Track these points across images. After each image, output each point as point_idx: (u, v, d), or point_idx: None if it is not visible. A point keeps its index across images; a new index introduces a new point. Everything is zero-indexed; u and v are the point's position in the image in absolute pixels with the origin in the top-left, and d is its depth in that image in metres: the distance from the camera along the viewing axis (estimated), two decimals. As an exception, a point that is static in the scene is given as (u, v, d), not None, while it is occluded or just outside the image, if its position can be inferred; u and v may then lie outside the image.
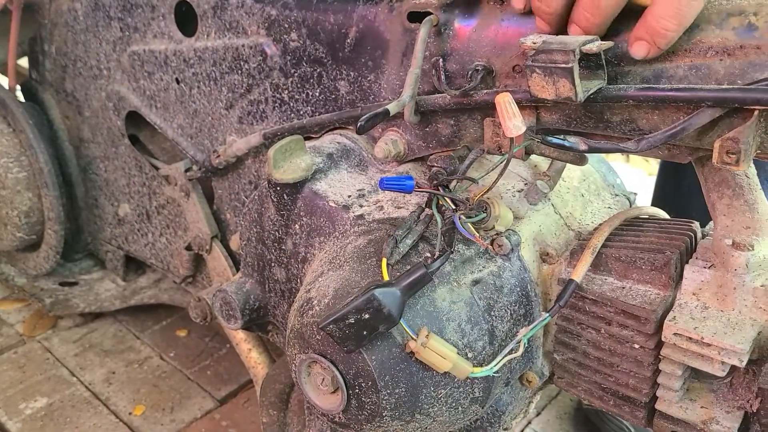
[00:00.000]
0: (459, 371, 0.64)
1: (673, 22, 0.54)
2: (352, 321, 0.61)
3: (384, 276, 0.64)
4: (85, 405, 1.41)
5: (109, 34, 1.20)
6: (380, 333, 0.62)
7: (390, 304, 0.60)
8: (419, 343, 0.62)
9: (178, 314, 1.66)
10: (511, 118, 0.60)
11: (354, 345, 0.63)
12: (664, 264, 0.68)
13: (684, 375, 0.66)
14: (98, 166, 1.42)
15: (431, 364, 0.63)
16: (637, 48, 0.57)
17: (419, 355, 0.63)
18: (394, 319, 0.61)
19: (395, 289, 0.61)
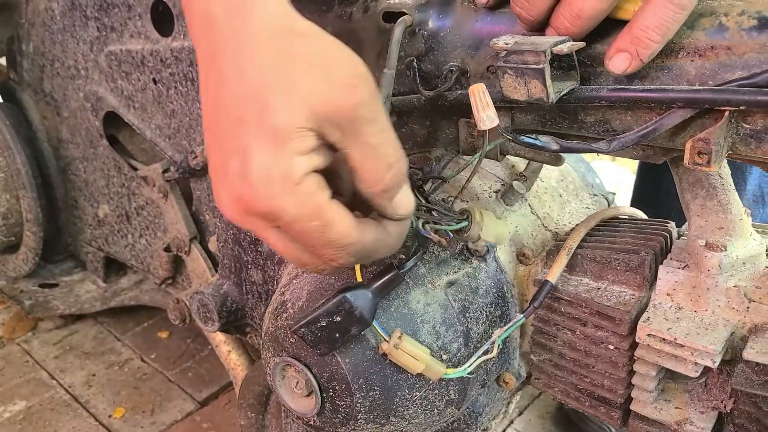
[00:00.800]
0: (432, 373, 0.63)
1: (659, 33, 0.54)
2: (323, 324, 0.61)
3: (357, 277, 0.64)
4: (64, 408, 1.39)
5: (86, 34, 1.19)
6: (353, 335, 0.62)
7: (362, 306, 0.60)
8: (391, 345, 0.62)
9: (159, 316, 1.65)
10: (484, 109, 0.60)
11: (327, 348, 0.62)
12: (639, 265, 0.68)
13: (658, 376, 0.66)
14: (77, 167, 1.40)
15: (404, 366, 0.63)
16: (617, 61, 0.56)
17: (392, 357, 0.63)
18: (366, 321, 0.61)
19: (367, 291, 0.61)
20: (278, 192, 0.50)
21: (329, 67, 0.51)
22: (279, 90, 0.50)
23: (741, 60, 0.53)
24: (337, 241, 0.53)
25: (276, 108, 0.49)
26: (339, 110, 0.50)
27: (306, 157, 0.50)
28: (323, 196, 0.52)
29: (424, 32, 0.71)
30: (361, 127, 0.51)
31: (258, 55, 0.51)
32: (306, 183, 0.51)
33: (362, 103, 0.50)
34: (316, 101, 0.49)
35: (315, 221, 0.52)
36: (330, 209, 0.52)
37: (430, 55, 0.72)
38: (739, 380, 0.60)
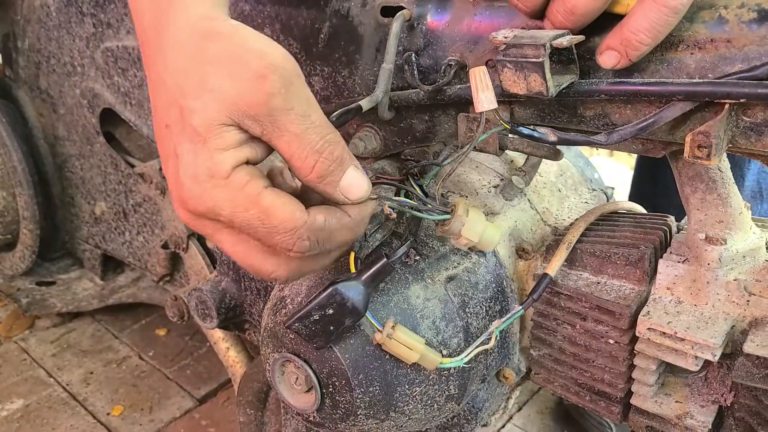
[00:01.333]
0: (427, 362, 0.63)
1: (649, 36, 0.54)
2: (317, 317, 0.60)
3: (351, 268, 0.63)
4: (62, 406, 1.39)
5: (82, 30, 1.18)
6: (348, 327, 0.62)
7: (353, 297, 0.60)
8: (385, 335, 0.62)
9: (157, 313, 1.65)
10: (484, 90, 0.59)
11: (323, 341, 0.62)
12: (639, 259, 0.68)
13: (658, 370, 0.66)
14: (74, 164, 1.40)
15: (399, 356, 0.63)
16: (606, 57, 0.56)
17: (386, 347, 0.63)
18: (359, 312, 0.61)
19: (357, 282, 0.61)
20: (208, 189, 0.52)
21: (238, 63, 0.51)
22: (192, 93, 0.52)
23: (741, 52, 0.53)
24: (281, 226, 0.53)
25: (191, 110, 0.51)
26: (251, 105, 0.51)
27: (231, 152, 0.52)
28: (256, 185, 0.52)
29: (422, 26, 0.71)
30: (279, 117, 0.52)
31: (173, 61, 0.53)
32: (235, 176, 0.52)
33: (273, 94, 0.51)
34: (228, 98, 0.51)
35: (252, 209, 0.52)
36: (266, 196, 0.53)
37: (429, 50, 0.71)
38: (740, 374, 0.60)
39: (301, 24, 0.83)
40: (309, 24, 0.82)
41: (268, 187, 0.53)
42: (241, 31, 0.54)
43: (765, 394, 0.59)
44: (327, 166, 0.54)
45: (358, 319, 0.61)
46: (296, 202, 0.54)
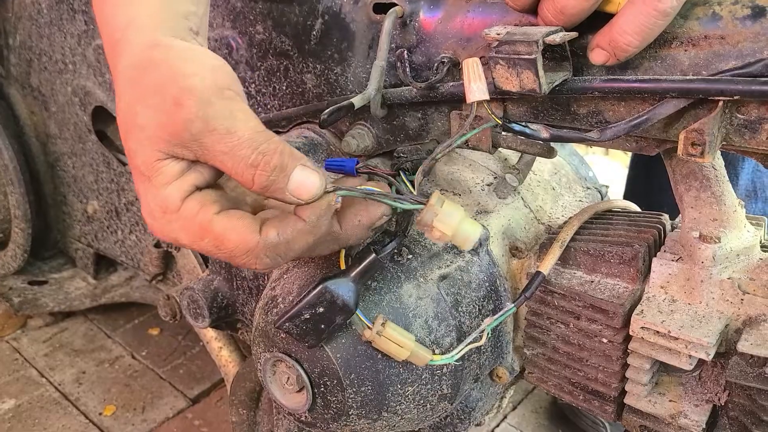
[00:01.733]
0: (418, 359, 0.62)
1: (637, 38, 0.53)
2: (307, 316, 0.60)
3: (341, 265, 0.63)
4: (54, 406, 1.38)
5: (74, 28, 1.17)
6: (339, 324, 0.61)
7: (343, 294, 0.59)
8: (374, 332, 0.61)
9: (150, 312, 1.64)
10: (475, 80, 0.59)
11: (314, 340, 0.61)
12: (632, 257, 0.67)
13: (652, 369, 0.66)
14: (66, 162, 1.39)
15: (389, 353, 0.62)
16: (596, 55, 0.56)
17: (375, 344, 0.62)
18: (350, 309, 0.60)
19: (346, 279, 0.60)
20: (164, 224, 0.54)
21: (159, 93, 0.52)
22: (130, 133, 0.53)
23: (735, 49, 0.52)
24: (236, 250, 0.54)
25: (133, 152, 0.53)
26: (172, 134, 0.52)
27: (175, 185, 0.53)
28: (206, 212, 0.53)
29: (415, 23, 0.70)
30: (203, 140, 0.52)
31: (119, 100, 0.54)
32: (186, 206, 0.53)
33: (190, 120, 0.51)
34: (153, 134, 0.52)
35: (206, 238, 0.53)
36: (216, 223, 0.53)
37: (421, 47, 0.71)
38: (734, 373, 0.60)
39: (293, 21, 0.82)
40: (301, 21, 0.81)
41: (220, 213, 0.54)
42: (172, 55, 0.54)
43: (759, 393, 0.59)
44: (267, 177, 0.53)
45: (349, 316, 0.61)
46: (249, 222, 0.54)
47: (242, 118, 0.53)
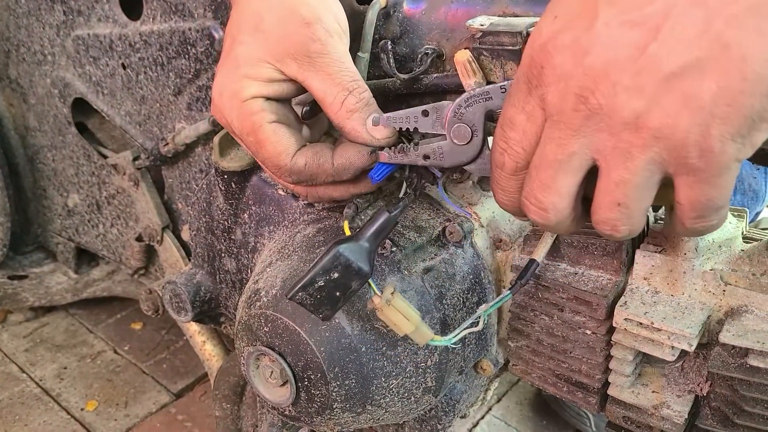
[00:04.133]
0: (420, 336, 0.60)
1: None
2: (321, 284, 0.57)
3: (346, 231, 0.62)
4: (35, 401, 1.37)
5: (52, 18, 1.15)
6: (354, 290, 0.59)
7: (358, 258, 0.57)
8: (384, 300, 0.58)
9: (132, 307, 1.63)
10: (471, 76, 0.59)
11: (330, 310, 0.59)
12: (616, 249, 0.67)
13: (635, 360, 0.66)
14: (45, 155, 1.37)
15: (392, 324, 0.60)
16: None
17: (381, 314, 0.59)
18: (366, 273, 0.58)
19: (361, 241, 0.58)
20: (226, 105, 0.62)
21: (290, 12, 0.60)
22: (246, 30, 0.62)
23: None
24: (267, 161, 0.63)
25: (240, 42, 0.62)
26: (294, 44, 0.60)
27: (256, 83, 0.61)
28: (261, 117, 0.62)
29: (398, 14, 0.70)
30: (316, 59, 0.60)
31: (241, 4, 0.63)
32: (250, 103, 0.61)
33: (314, 39, 0.60)
34: (274, 40, 0.60)
35: (251, 137, 0.62)
36: (264, 129, 0.62)
37: (405, 38, 0.70)
38: (716, 363, 0.60)
39: (275, 11, 0.81)
40: (283, 11, 0.80)
41: (272, 123, 0.62)
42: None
43: (741, 383, 0.59)
44: (355, 102, 0.61)
45: (365, 280, 0.58)
46: (288, 143, 0.62)
47: (349, 58, 0.63)
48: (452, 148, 0.59)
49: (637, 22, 0.39)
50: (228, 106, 0.62)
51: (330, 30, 0.61)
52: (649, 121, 0.40)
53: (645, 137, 0.41)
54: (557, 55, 0.42)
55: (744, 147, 0.39)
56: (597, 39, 0.40)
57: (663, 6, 0.38)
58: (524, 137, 0.47)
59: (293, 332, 0.64)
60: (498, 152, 0.50)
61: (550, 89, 0.43)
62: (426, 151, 0.60)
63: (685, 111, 0.39)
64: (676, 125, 0.39)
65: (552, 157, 0.45)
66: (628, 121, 0.41)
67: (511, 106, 0.48)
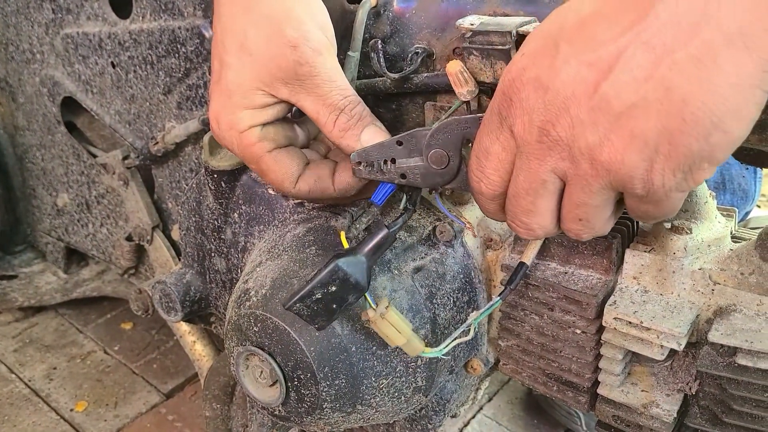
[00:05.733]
0: (412, 348, 0.62)
1: None
2: (319, 296, 0.58)
3: (344, 244, 0.62)
4: (24, 402, 1.36)
5: (41, 16, 1.15)
6: (350, 303, 0.60)
7: (356, 273, 0.58)
8: (378, 314, 0.60)
9: (122, 307, 1.62)
10: (464, 85, 0.59)
11: (325, 321, 0.60)
12: (606, 249, 0.67)
13: (625, 359, 0.66)
14: (35, 154, 1.36)
15: (385, 336, 0.61)
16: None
17: (375, 325, 0.61)
18: (362, 287, 0.59)
19: (359, 256, 0.59)
20: (225, 136, 0.63)
21: (276, 29, 0.59)
22: (232, 50, 0.60)
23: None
24: (273, 185, 0.65)
25: (228, 65, 0.61)
26: (281, 69, 0.59)
27: (250, 113, 0.61)
28: (262, 147, 0.63)
29: (389, 13, 0.70)
30: (306, 82, 0.60)
31: (223, 16, 0.62)
32: (247, 135, 0.62)
33: (301, 63, 0.59)
34: (261, 63, 0.59)
35: (254, 165, 0.65)
36: (265, 160, 0.63)
37: (396, 37, 0.70)
38: (705, 362, 0.60)
39: (265, 10, 0.81)
40: (274, 10, 0.80)
41: (272, 151, 0.64)
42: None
43: (729, 382, 0.60)
44: (347, 120, 0.62)
45: (361, 294, 0.60)
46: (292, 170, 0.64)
47: (339, 72, 0.62)
48: (428, 170, 0.59)
49: (592, 61, 0.42)
50: (227, 137, 0.63)
51: (317, 48, 0.60)
52: (601, 155, 0.43)
53: (598, 168, 0.44)
54: (523, 90, 0.45)
55: (686, 182, 0.43)
56: (557, 76, 0.43)
57: (615, 48, 0.41)
58: (500, 166, 0.51)
59: (283, 332, 0.64)
60: (475, 180, 0.53)
61: (517, 121, 0.47)
62: (403, 171, 0.60)
63: (632, 147, 0.42)
64: (623, 161, 0.43)
65: (527, 185, 0.49)
66: (584, 152, 0.44)
67: (485, 135, 0.51)
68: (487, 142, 0.50)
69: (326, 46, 0.61)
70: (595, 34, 0.42)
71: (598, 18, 0.42)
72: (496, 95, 0.49)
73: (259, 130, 0.63)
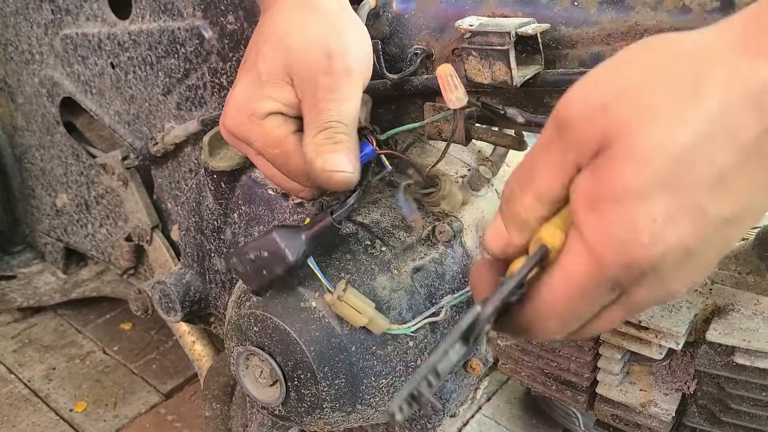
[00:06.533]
0: (375, 326, 0.63)
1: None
2: (252, 257, 0.60)
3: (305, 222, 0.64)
4: (23, 403, 1.36)
5: (40, 17, 1.15)
6: (278, 276, 0.61)
7: (288, 246, 0.59)
8: (335, 296, 0.61)
9: (122, 307, 1.62)
10: (453, 91, 0.59)
11: (255, 285, 0.62)
12: (604, 249, 0.68)
13: (623, 359, 0.67)
14: (34, 155, 1.36)
15: (347, 319, 0.62)
16: None
17: (335, 309, 0.62)
18: (289, 262, 0.60)
19: (299, 233, 0.60)
20: (246, 121, 0.62)
21: (322, 37, 0.60)
22: (272, 43, 0.61)
23: (704, 42, 0.53)
24: (298, 169, 0.63)
25: (264, 56, 0.62)
26: (305, 68, 0.60)
27: (274, 102, 0.61)
28: (284, 130, 0.62)
29: (388, 14, 0.70)
30: (317, 91, 0.60)
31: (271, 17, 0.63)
32: (271, 119, 0.62)
33: (327, 73, 0.60)
34: (293, 55, 0.60)
35: (277, 149, 0.63)
36: (290, 140, 0.62)
37: (395, 38, 0.70)
38: (703, 362, 0.61)
39: (265, 11, 0.81)
40: (273, 11, 0.80)
41: (296, 132, 0.63)
42: (345, 15, 0.64)
43: (727, 381, 0.60)
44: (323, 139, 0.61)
45: (287, 269, 0.61)
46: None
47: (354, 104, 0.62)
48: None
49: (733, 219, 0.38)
50: (246, 125, 0.63)
51: (349, 71, 0.61)
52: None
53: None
54: (666, 266, 0.38)
55: None
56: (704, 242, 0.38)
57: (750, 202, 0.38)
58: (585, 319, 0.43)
59: (283, 332, 0.64)
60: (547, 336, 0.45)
61: (644, 288, 0.39)
62: None
63: None
64: None
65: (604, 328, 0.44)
66: None
67: (583, 301, 0.41)
68: (584, 307, 0.42)
69: (357, 72, 0.62)
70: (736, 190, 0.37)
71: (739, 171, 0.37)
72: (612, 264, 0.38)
73: (281, 117, 0.62)
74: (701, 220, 0.37)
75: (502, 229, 0.45)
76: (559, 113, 0.40)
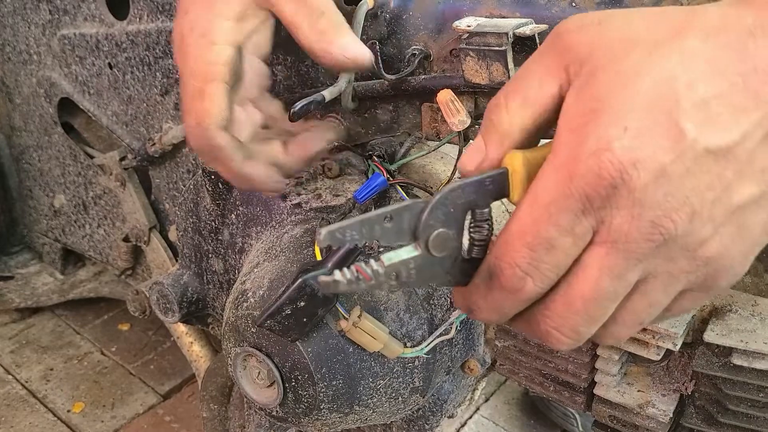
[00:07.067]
0: (390, 351, 0.63)
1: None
2: (288, 312, 0.59)
3: (317, 256, 0.63)
4: (20, 403, 1.36)
5: (38, 17, 1.15)
6: (321, 317, 0.61)
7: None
8: (350, 323, 0.61)
9: (119, 308, 1.62)
10: (455, 115, 0.60)
11: (298, 334, 0.61)
12: (602, 249, 0.68)
13: (621, 360, 0.67)
14: (31, 155, 1.36)
15: (362, 344, 0.62)
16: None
17: (350, 335, 0.62)
18: (331, 301, 0.60)
19: (325, 270, 0.59)
20: (192, 43, 0.59)
21: None
22: None
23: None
24: (197, 113, 0.59)
25: None
26: None
27: (231, 24, 0.59)
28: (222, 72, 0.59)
29: (386, 15, 0.70)
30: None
31: None
32: (217, 49, 0.58)
33: None
34: None
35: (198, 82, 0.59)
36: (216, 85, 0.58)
37: (393, 39, 0.70)
38: (700, 363, 0.61)
39: (263, 12, 0.81)
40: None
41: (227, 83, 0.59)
42: None
43: (725, 382, 0.60)
44: (327, 23, 0.59)
45: (331, 307, 0.61)
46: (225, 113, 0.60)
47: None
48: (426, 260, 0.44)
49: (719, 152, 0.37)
50: (194, 44, 0.59)
51: None
52: (707, 250, 0.38)
53: (698, 264, 0.39)
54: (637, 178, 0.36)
55: None
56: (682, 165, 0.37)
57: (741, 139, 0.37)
58: (563, 262, 0.40)
59: (280, 333, 0.64)
60: (516, 276, 0.41)
61: (621, 213, 0.37)
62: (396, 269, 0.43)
63: (738, 241, 0.39)
64: (727, 254, 0.39)
65: (609, 288, 0.40)
66: (691, 248, 0.38)
67: (550, 224, 0.39)
68: (554, 232, 0.39)
69: None
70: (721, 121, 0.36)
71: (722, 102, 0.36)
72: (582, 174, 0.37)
73: (231, 53, 0.59)
74: (680, 141, 0.36)
75: (480, 145, 0.45)
76: (557, 27, 0.42)
